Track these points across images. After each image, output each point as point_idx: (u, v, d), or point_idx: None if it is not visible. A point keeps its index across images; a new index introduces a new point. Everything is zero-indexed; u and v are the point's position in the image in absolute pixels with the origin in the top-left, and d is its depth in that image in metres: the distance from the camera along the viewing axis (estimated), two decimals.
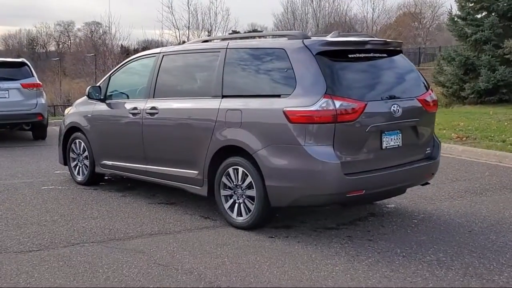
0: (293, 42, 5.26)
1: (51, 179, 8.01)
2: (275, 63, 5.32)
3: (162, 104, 6.25)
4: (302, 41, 5.18)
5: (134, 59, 7.07)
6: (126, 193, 7.10)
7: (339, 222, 5.72)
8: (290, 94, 5.06)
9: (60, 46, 74.05)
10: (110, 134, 7.01)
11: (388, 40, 6.22)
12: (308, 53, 5.07)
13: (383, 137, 5.20)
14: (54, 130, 13.84)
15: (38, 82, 12.02)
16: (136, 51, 40.69)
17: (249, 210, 5.40)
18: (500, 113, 14.71)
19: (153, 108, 6.29)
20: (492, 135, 11.08)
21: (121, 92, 7.14)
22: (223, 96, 5.64)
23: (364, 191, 5.03)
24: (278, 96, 5.17)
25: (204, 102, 5.82)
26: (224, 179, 5.58)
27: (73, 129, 7.64)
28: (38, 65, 46.42)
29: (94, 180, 7.52)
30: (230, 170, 5.51)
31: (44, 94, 12.30)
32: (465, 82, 18.16)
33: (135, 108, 6.53)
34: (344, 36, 5.70)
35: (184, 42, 30.26)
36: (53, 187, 7.47)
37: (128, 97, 7.02)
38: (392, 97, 5.32)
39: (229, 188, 5.57)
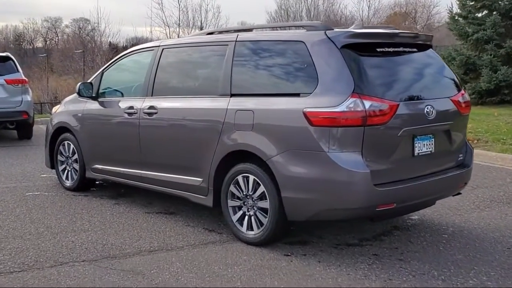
0: (313, 34, 4.63)
1: (37, 183, 7.33)
2: (293, 57, 4.70)
3: (162, 103, 5.60)
4: (325, 32, 4.55)
5: (130, 53, 6.41)
6: (120, 200, 6.44)
7: (361, 237, 5.10)
8: (310, 93, 4.43)
9: (48, 42, 72.79)
10: (103, 135, 6.35)
11: (419, 32, 5.59)
12: (331, 46, 4.44)
13: (415, 142, 4.59)
14: (40, 129, 13.15)
15: (24, 78, 11.30)
16: (124, 48, 39.88)
17: (261, 224, 4.77)
18: (505, 114, 14.26)
19: (151, 107, 5.64)
20: (504, 138, 10.56)
21: (115, 90, 6.49)
22: (232, 95, 5.01)
23: (395, 204, 4.41)
24: (297, 95, 4.54)
25: (210, 102, 5.18)
26: (232, 188, 4.95)
27: (62, 129, 6.96)
28: (25, 61, 45.47)
29: (84, 185, 6.85)
30: (240, 178, 4.88)
31: (30, 91, 11.57)
32: (466, 82, 17.61)
33: (131, 108, 5.87)
34: (369, 28, 5.07)
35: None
36: (38, 193, 6.79)
37: (122, 95, 6.37)
38: (424, 97, 4.71)
39: (238, 198, 4.94)
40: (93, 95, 6.47)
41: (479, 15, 18.79)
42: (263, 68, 4.93)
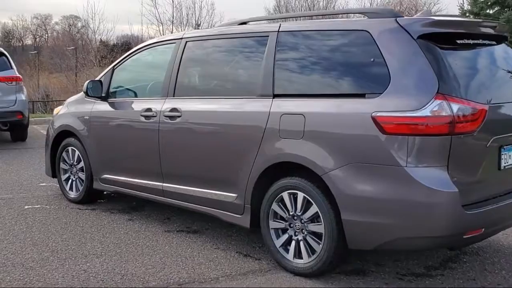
0: (381, 22, 3.82)
1: (36, 194, 6.48)
2: (355, 50, 3.90)
3: (186, 105, 4.78)
4: (395, 20, 3.74)
5: (146, 47, 5.57)
6: (134, 215, 5.62)
7: (426, 264, 4.32)
8: (381, 93, 3.62)
9: (37, 39, 71.67)
10: (114, 141, 5.51)
11: (500, 22, 4.80)
12: (405, 36, 3.64)
13: (502, 153, 3.80)
14: (34, 129, 12.33)
15: (18, 75, 10.41)
16: (115, 46, 38.95)
17: (313, 251, 3.97)
18: None
19: (173, 110, 4.81)
20: None
21: (128, 89, 5.66)
22: (275, 96, 4.20)
23: (483, 229, 3.61)
24: (362, 95, 3.73)
25: (248, 104, 4.37)
26: (275, 207, 4.15)
27: (65, 133, 6.11)
28: (15, 59, 44.37)
29: (91, 197, 6.01)
30: (285, 195, 4.07)
31: (25, 89, 10.70)
32: None
33: (148, 110, 5.04)
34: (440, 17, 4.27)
35: None
36: (39, 206, 5.95)
37: (136, 95, 5.54)
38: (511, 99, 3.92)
39: (283, 219, 4.14)
40: (103, 94, 5.62)
41: (491, 11, 18.15)
42: (315, 63, 4.12)
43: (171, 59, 5.03)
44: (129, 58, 5.60)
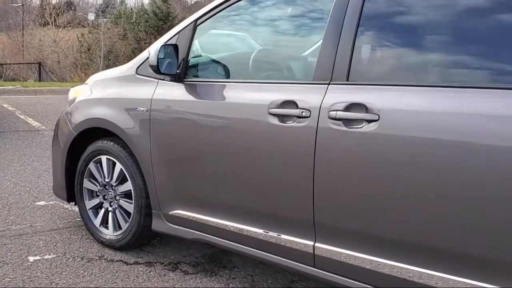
0: None
1: (37, 226, 4.04)
2: None
3: (389, 99, 2.41)
4: None
5: None
6: (222, 275, 3.27)
7: None
8: None
9: None
10: (206, 156, 3.11)
11: None
12: None
13: None
14: None
15: None
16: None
17: None
18: None
19: (356, 107, 2.47)
20: None
21: (225, 64, 3.26)
22: None
23: None
24: None
25: None
26: None
27: (95, 132, 3.66)
28: None
29: (142, 240, 3.61)
30: None
31: None
32: None
33: (288, 104, 2.68)
34: None
35: None
36: (49, 256, 3.55)
37: (248, 75, 3.17)
38: None
39: None
40: (177, 71, 3.18)
41: None
42: None
43: (336, 11, 2.65)
44: (231, 4, 3.15)
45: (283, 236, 2.79)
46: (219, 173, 3.04)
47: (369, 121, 2.43)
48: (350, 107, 2.50)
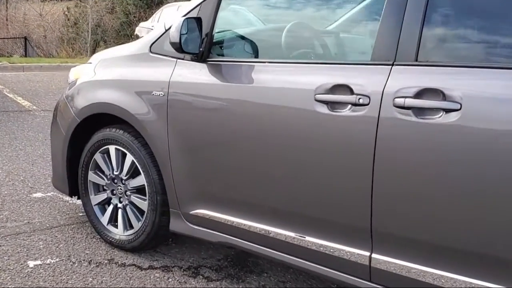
0: None
1: (35, 223, 3.63)
2: None
3: (475, 84, 2.00)
4: None
5: None
6: (249, 282, 2.87)
7: None
8: None
9: None
10: (234, 148, 2.67)
11: None
12: None
13: None
14: None
15: None
16: None
17: None
18: None
19: (430, 93, 2.03)
20: None
21: (252, 42, 2.81)
22: None
23: None
24: None
25: None
26: None
27: (102, 119, 3.20)
28: None
29: (156, 241, 3.18)
30: None
31: None
32: None
33: (340, 88, 2.25)
34: None
35: None
36: (52, 260, 3.14)
37: (284, 55, 2.71)
38: None
39: None
40: (200, 49, 2.72)
41: None
42: None
43: None
44: None
45: (334, 245, 2.37)
46: (251, 169, 2.60)
47: (448, 111, 1.99)
48: (422, 93, 2.06)
